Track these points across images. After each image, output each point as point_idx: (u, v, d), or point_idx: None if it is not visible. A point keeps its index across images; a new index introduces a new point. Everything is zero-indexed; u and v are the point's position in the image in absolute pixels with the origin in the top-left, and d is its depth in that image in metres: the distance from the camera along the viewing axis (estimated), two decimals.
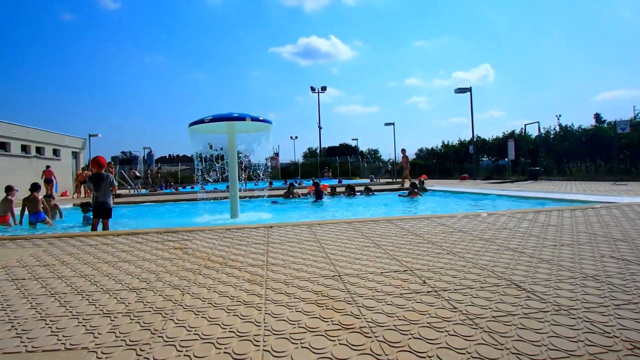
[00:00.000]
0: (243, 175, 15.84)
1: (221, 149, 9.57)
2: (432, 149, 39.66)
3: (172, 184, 27.75)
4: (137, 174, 22.66)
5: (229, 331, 2.13)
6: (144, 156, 41.30)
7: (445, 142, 37.92)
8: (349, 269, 3.25)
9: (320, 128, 53.36)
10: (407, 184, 18.34)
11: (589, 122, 30.12)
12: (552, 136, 27.67)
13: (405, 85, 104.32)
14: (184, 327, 2.21)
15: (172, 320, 2.31)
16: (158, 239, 5.03)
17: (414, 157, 41.83)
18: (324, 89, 53.94)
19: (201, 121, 8.25)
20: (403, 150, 20.59)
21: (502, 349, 1.83)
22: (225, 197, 9.45)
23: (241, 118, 8.15)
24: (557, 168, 23.92)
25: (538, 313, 2.23)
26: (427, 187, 16.66)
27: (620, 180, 17.23)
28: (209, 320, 2.28)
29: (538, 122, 24.75)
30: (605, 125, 25.33)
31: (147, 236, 5.24)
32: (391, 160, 35.66)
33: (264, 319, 2.26)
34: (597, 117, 28.36)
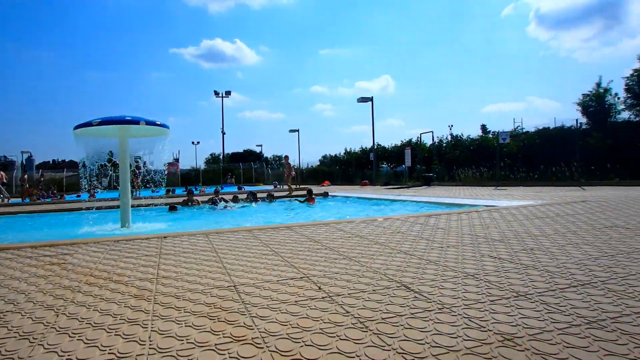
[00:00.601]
0: (138, 182, 15.08)
1: (110, 152, 8.99)
2: (336, 155, 40.61)
3: (54, 192, 25.68)
4: (4, 179, 20.25)
5: (109, 353, 1.98)
6: (22, 161, 37.48)
7: (348, 150, 38.99)
8: (245, 278, 3.21)
9: (223, 133, 52.50)
10: (301, 191, 18.62)
11: (476, 132, 32.50)
12: (444, 145, 29.55)
13: (311, 93, 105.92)
14: (55, 352, 2.01)
15: (42, 345, 2.09)
16: (32, 254, 4.57)
17: (318, 163, 42.53)
18: (228, 93, 53.17)
19: (89, 124, 7.58)
20: (286, 157, 20.88)
21: (389, 350, 1.90)
22: (117, 206, 8.89)
23: (135, 121, 7.69)
24: (449, 174, 25.57)
25: (423, 312, 2.35)
26: (330, 193, 17.00)
27: (501, 185, 18.77)
28: (85, 343, 2.10)
29: (432, 131, 26.37)
30: (490, 135, 27.53)
31: (19, 251, 4.74)
32: (295, 167, 35.98)
33: (150, 337, 2.15)
34: (483, 127, 30.70)
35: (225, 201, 13.84)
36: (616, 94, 23.43)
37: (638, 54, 26.41)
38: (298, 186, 23.78)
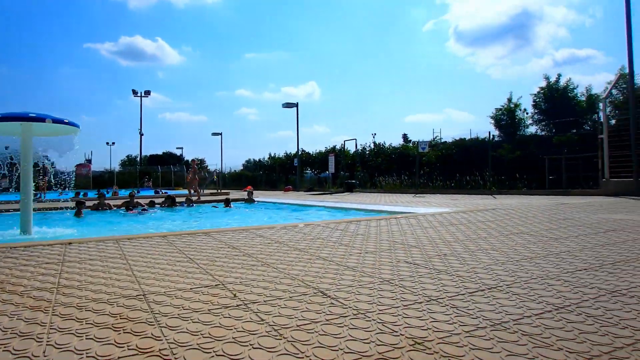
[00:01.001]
0: (42, 183, 14.06)
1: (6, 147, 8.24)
2: (260, 160, 40.35)
3: None
4: None
5: None
6: None
7: (273, 155, 38.86)
8: (156, 286, 3.05)
9: (141, 134, 50.43)
10: (204, 196, 18.26)
11: (398, 141, 33.68)
12: (367, 152, 30.28)
13: (236, 96, 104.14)
14: None
15: None
16: None
17: (242, 168, 42.04)
18: (147, 93, 51.24)
19: None
20: (193, 161, 20.17)
21: (303, 357, 1.87)
22: (17, 209, 8.20)
23: (40, 119, 7.14)
24: (371, 181, 26.20)
25: (339, 318, 2.34)
26: (254, 199, 16.82)
27: (420, 193, 19.49)
28: None
29: (355, 139, 26.95)
30: (410, 144, 28.58)
31: None
32: (217, 171, 35.30)
33: (44, 352, 1.96)
34: (405, 137, 31.88)
35: (141, 205, 13.26)
36: (525, 109, 25.29)
37: (544, 74, 28.63)
38: (219, 191, 23.33)
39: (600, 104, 14.67)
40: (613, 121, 15.89)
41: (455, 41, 72.93)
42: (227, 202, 14.75)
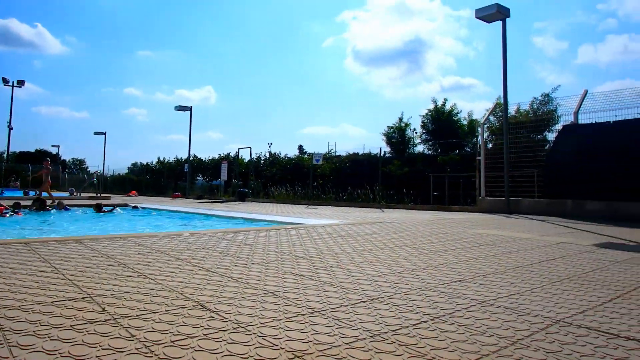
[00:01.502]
0: None
1: None
2: (147, 164, 38.45)
3: None
4: None
5: None
6: None
7: (162, 159, 37.22)
8: (11, 300, 2.70)
9: (10, 128, 45.78)
10: (79, 199, 17.06)
11: (294, 152, 33.98)
12: (262, 161, 30.17)
13: (124, 94, 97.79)
14: None
15: None
16: None
17: (127, 171, 39.78)
18: (21, 83, 46.72)
19: None
20: (46, 162, 18.20)
21: None
22: None
23: None
24: (264, 191, 26.09)
25: (217, 332, 2.22)
26: (136, 205, 15.91)
27: (312, 204, 19.76)
28: None
29: (250, 147, 26.70)
30: (305, 156, 28.97)
31: None
32: (98, 173, 33.04)
33: None
34: (301, 148, 32.28)
35: (5, 208, 11.93)
36: (414, 129, 26.87)
37: (432, 97, 30.72)
38: (99, 195, 21.82)
39: (479, 129, 15.94)
40: (490, 145, 17.41)
41: (352, 59, 75.80)
42: (98, 207, 13.73)
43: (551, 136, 15.51)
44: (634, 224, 9.84)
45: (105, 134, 33.54)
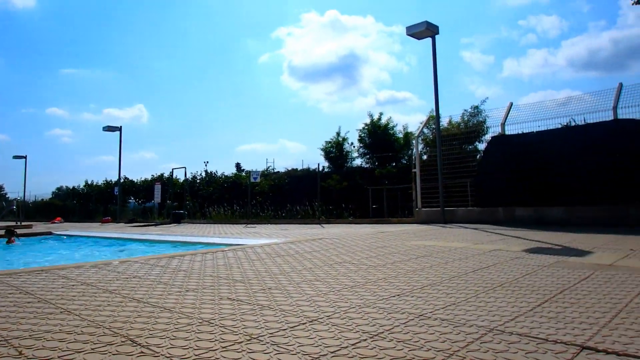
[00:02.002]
0: None
1: None
2: (74, 188, 36.59)
3: None
4: None
5: None
6: None
7: (90, 182, 35.54)
8: None
9: None
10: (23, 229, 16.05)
11: (231, 170, 33.52)
12: (198, 181, 29.52)
13: (47, 115, 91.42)
14: None
15: None
16: None
17: (51, 196, 37.68)
18: None
19: None
20: None
21: None
22: None
23: None
24: (201, 212, 25.49)
25: None
26: (60, 233, 15.02)
27: (251, 223, 19.51)
28: None
29: (185, 167, 26.07)
30: (243, 173, 28.65)
31: None
32: (18, 199, 31.06)
33: None
34: (238, 166, 31.88)
35: None
36: (352, 143, 27.33)
37: (368, 111, 31.42)
38: (20, 223, 20.48)
39: (414, 141, 16.42)
40: (425, 157, 17.96)
41: (289, 75, 76.11)
42: (9, 234, 12.67)
43: (482, 146, 16.24)
44: (558, 228, 10.42)
45: (25, 157, 31.64)
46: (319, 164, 22.88)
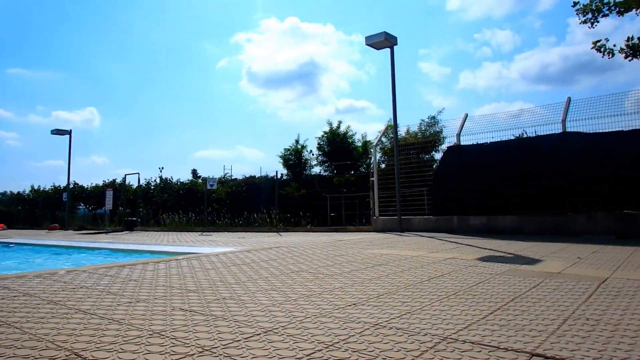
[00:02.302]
0: None
1: None
2: (19, 193, 35.01)
3: None
4: None
5: None
6: None
7: (37, 187, 34.08)
8: None
9: None
10: None
11: (188, 176, 32.90)
12: (153, 187, 28.80)
13: None
14: None
15: None
16: None
17: None
18: None
19: None
20: None
21: None
22: None
23: None
24: (155, 219, 24.87)
25: None
26: (2, 240, 14.32)
27: (207, 231, 19.18)
28: None
29: (139, 173, 25.35)
30: (200, 180, 28.16)
31: None
32: None
33: None
34: (194, 172, 31.34)
35: None
36: (311, 151, 27.37)
37: (328, 119, 31.59)
38: None
39: (372, 150, 16.58)
40: (383, 165, 18.16)
41: (248, 81, 75.44)
42: None
43: (438, 156, 16.59)
44: (511, 236, 10.74)
45: None
46: (277, 172, 22.79)
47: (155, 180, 29.40)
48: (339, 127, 27.09)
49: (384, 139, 19.42)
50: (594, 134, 11.49)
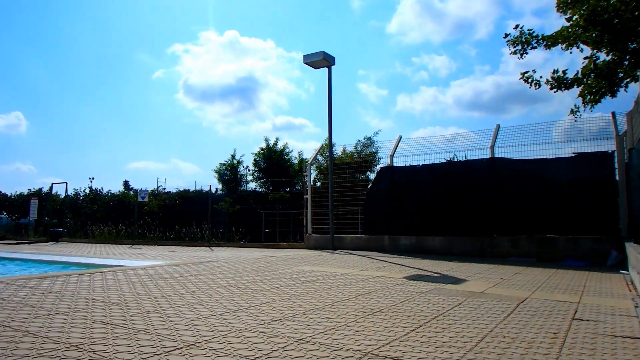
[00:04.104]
0: None
1: None
2: None
3: None
4: None
5: None
6: None
7: None
8: None
9: None
10: None
11: (119, 188, 31.72)
12: (82, 198, 27.54)
13: None
14: None
15: None
16: None
17: None
18: None
19: None
20: None
21: None
22: None
23: None
24: (83, 230, 23.79)
25: None
26: None
27: (137, 244, 18.56)
28: None
29: (67, 182, 24.20)
30: (132, 192, 27.21)
31: None
32: None
33: None
34: (126, 184, 30.24)
35: None
36: (247, 167, 27.15)
37: (265, 136, 31.57)
38: None
39: (307, 167, 16.73)
40: (319, 183, 18.33)
41: (184, 93, 73.98)
42: None
43: (373, 176, 16.95)
44: (438, 257, 11.16)
45: None
46: (210, 186, 22.51)
47: (84, 191, 28.19)
48: (276, 143, 27.14)
49: (319, 157, 19.68)
50: (520, 160, 12.21)
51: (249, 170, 27.15)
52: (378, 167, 15.69)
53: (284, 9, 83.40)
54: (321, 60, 14.09)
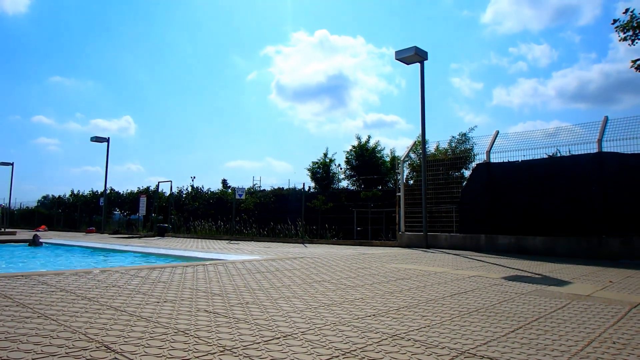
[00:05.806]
0: None
1: None
2: (60, 197, 36.23)
3: None
4: None
5: None
6: None
7: (76, 192, 35.23)
8: None
9: None
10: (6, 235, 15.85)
11: (218, 186, 33.48)
12: (184, 195, 29.40)
13: (33, 123, 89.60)
14: None
15: None
16: None
17: (37, 204, 37.30)
18: None
19: None
20: None
21: None
22: None
23: None
24: (186, 226, 25.35)
25: None
26: (44, 241, 14.86)
27: (234, 239, 19.44)
28: None
29: (171, 181, 25.95)
30: (229, 190, 28.59)
31: None
32: (3, 206, 30.67)
33: None
34: (224, 182, 31.81)
35: None
36: (339, 165, 27.44)
37: (356, 134, 31.66)
38: (4, 230, 20.21)
39: (399, 165, 16.54)
40: (411, 181, 18.08)
41: (276, 94, 76.29)
42: None
43: (468, 174, 16.38)
44: (540, 257, 10.54)
45: (12, 164, 31.38)
46: (304, 184, 22.96)
47: (187, 189, 30.09)
48: (367, 141, 27.12)
49: (412, 155, 19.34)
50: (633, 155, 11.19)
51: (341, 169, 27.41)
52: (474, 164, 15.12)
53: (374, 5, 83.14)
54: (413, 56, 13.83)
